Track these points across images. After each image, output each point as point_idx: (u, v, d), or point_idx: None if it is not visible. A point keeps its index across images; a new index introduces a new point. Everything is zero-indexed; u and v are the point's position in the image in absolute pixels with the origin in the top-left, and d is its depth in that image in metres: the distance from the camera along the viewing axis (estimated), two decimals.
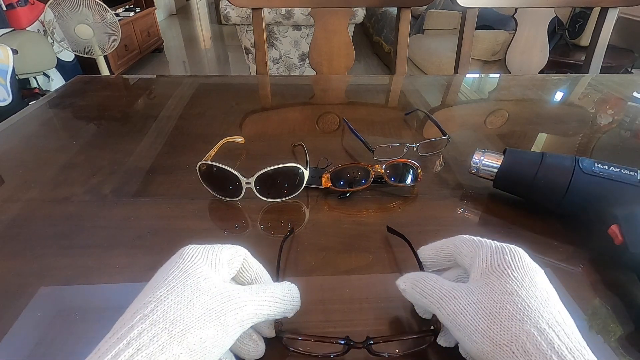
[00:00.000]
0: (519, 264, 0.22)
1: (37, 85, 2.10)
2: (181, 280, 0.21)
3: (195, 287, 0.21)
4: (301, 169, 0.38)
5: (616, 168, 0.34)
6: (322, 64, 0.94)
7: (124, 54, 2.94)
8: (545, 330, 0.19)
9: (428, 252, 0.29)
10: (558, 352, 0.18)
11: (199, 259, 0.23)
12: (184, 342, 0.19)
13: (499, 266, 0.22)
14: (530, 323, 0.19)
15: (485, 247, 0.24)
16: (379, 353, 0.24)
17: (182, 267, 0.22)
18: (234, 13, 2.15)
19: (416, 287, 0.25)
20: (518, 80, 0.80)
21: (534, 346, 0.18)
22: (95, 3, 2.01)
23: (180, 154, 0.50)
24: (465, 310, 0.21)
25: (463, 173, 0.46)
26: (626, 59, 2.07)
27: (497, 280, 0.22)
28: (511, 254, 0.23)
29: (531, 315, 0.19)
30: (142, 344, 0.18)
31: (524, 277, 0.22)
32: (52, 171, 0.45)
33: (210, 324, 0.20)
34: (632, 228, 0.31)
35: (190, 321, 0.19)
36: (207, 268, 0.23)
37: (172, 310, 0.20)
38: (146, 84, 0.76)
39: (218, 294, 0.22)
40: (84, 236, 0.35)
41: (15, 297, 0.29)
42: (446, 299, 0.23)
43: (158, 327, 0.19)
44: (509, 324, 0.19)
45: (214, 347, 0.20)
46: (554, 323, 0.19)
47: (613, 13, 0.90)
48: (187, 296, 0.20)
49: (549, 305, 0.20)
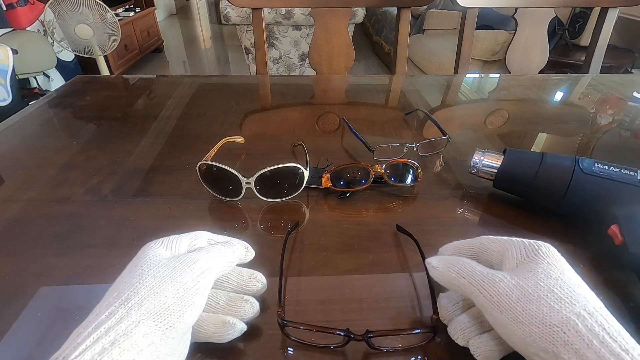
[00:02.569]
0: (557, 255, 0.23)
1: (37, 85, 2.10)
2: (133, 264, 0.23)
3: (146, 263, 0.22)
4: (301, 169, 0.38)
5: (616, 168, 0.34)
6: (322, 64, 0.94)
7: (124, 54, 2.94)
8: (594, 313, 0.19)
9: (451, 250, 0.29)
10: (609, 333, 0.18)
11: (152, 245, 0.24)
12: (141, 309, 0.19)
13: (537, 256, 0.23)
14: (580, 306, 0.19)
15: (516, 242, 0.25)
16: (377, 347, 0.24)
17: (137, 257, 0.24)
18: (234, 13, 2.15)
19: (453, 267, 0.25)
20: (518, 80, 0.80)
21: (585, 327, 0.18)
22: (95, 3, 2.01)
23: (180, 154, 0.50)
24: (510, 292, 0.21)
25: (463, 173, 0.46)
26: (626, 59, 2.07)
27: (538, 267, 0.22)
28: (545, 247, 0.24)
29: (579, 299, 0.20)
30: (100, 322, 0.18)
31: (563, 266, 0.22)
32: (52, 171, 0.45)
33: (167, 286, 0.21)
34: (632, 228, 0.31)
35: (144, 292, 0.20)
36: (161, 249, 0.24)
37: (126, 288, 0.20)
38: (146, 84, 0.76)
39: (169, 262, 0.23)
40: (84, 236, 0.35)
41: (15, 297, 0.29)
42: (488, 281, 0.22)
43: (114, 306, 0.19)
44: (559, 306, 0.20)
45: (178, 305, 0.20)
46: (599, 308, 0.20)
47: (613, 13, 0.90)
48: (138, 273, 0.21)
49: (589, 293, 0.21)
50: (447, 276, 0.25)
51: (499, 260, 0.25)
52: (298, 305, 0.29)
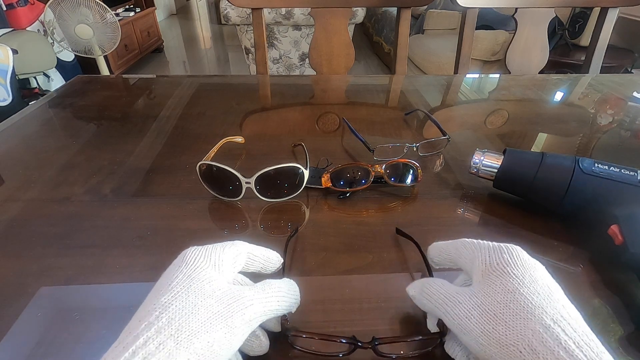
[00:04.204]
0: (518, 262, 0.22)
1: (37, 85, 2.10)
2: (185, 285, 0.21)
3: (199, 291, 0.21)
4: (301, 169, 0.38)
5: (616, 168, 0.34)
6: (322, 64, 0.94)
7: (124, 54, 2.94)
8: (550, 326, 0.19)
9: (434, 251, 0.29)
10: (565, 348, 0.18)
11: (201, 261, 0.23)
12: (190, 347, 0.19)
13: (498, 265, 0.22)
14: (535, 320, 0.19)
15: (483, 249, 0.24)
16: (385, 354, 0.24)
17: (186, 272, 0.22)
18: (234, 13, 2.15)
19: (423, 292, 0.25)
20: (518, 80, 0.80)
21: (540, 343, 0.18)
22: (95, 3, 2.01)
23: (180, 154, 0.50)
24: (469, 313, 0.21)
25: (463, 173, 0.46)
26: (626, 59, 2.07)
27: (497, 280, 0.22)
28: (509, 252, 0.23)
29: (535, 312, 0.19)
30: (148, 352, 0.18)
31: (524, 274, 0.22)
32: (52, 171, 0.45)
33: (217, 327, 0.20)
34: (632, 228, 0.31)
35: (196, 326, 0.19)
36: (211, 270, 0.23)
37: (178, 317, 0.19)
38: (146, 84, 0.76)
39: (223, 296, 0.22)
40: (84, 236, 0.35)
41: (15, 297, 0.29)
42: (451, 304, 0.23)
43: (164, 335, 0.18)
44: (513, 323, 0.19)
45: (221, 349, 0.20)
46: (558, 318, 0.19)
47: (613, 13, 0.90)
48: (191, 301, 0.20)
49: (552, 301, 0.20)
50: (421, 302, 0.25)
51: (470, 267, 0.25)
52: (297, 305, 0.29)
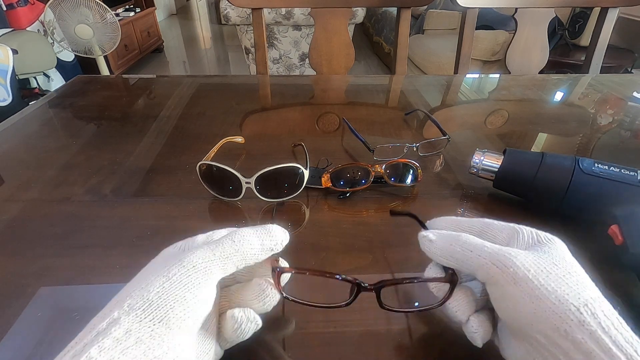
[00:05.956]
0: (565, 248, 0.23)
1: (37, 85, 2.10)
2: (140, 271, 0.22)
3: (149, 266, 0.22)
4: (301, 169, 0.38)
5: (616, 168, 0.34)
6: (322, 64, 0.94)
7: (124, 54, 2.94)
8: (607, 303, 0.19)
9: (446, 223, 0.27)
10: (623, 326, 0.18)
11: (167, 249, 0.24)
12: (123, 305, 0.19)
13: (549, 242, 0.22)
14: (596, 291, 0.20)
15: (526, 228, 0.24)
16: (389, 307, 0.23)
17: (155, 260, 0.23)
18: (234, 13, 2.15)
19: (455, 241, 0.23)
20: (518, 80, 0.80)
21: (602, 312, 0.18)
22: (95, 3, 2.01)
23: (180, 154, 0.50)
24: (528, 266, 0.20)
25: (463, 173, 0.46)
26: (626, 59, 2.07)
27: (553, 250, 0.22)
28: (557, 239, 0.23)
29: (590, 286, 0.20)
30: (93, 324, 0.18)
31: (571, 257, 0.22)
32: (52, 171, 0.45)
33: (153, 281, 0.20)
34: (632, 228, 0.31)
35: (130, 289, 0.20)
36: (171, 249, 0.23)
37: (124, 292, 0.20)
38: (146, 84, 0.76)
39: (163, 259, 0.22)
40: (84, 236, 0.35)
41: (15, 297, 0.29)
42: (502, 255, 0.21)
43: (106, 308, 0.19)
44: (577, 287, 0.19)
45: (164, 300, 0.19)
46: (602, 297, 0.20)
47: (613, 13, 0.90)
48: (138, 276, 0.21)
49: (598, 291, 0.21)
50: (449, 250, 0.23)
51: (505, 242, 0.24)
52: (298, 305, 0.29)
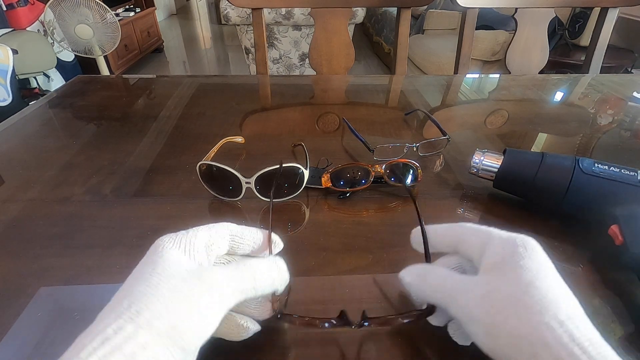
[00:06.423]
0: (533, 255, 0.22)
1: (37, 85, 2.10)
2: (149, 270, 0.21)
3: (163, 272, 0.20)
4: (301, 169, 0.38)
5: (616, 168, 0.34)
6: (322, 64, 0.94)
7: (124, 54, 2.94)
8: (564, 322, 0.18)
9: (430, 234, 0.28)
10: (579, 344, 0.17)
11: (170, 246, 0.22)
12: (152, 329, 0.18)
13: (512, 257, 0.22)
14: (549, 315, 0.19)
15: (495, 238, 0.23)
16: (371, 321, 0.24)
17: (152, 258, 0.22)
18: (234, 13, 2.15)
19: (423, 279, 0.24)
20: (518, 80, 0.80)
21: (554, 339, 0.18)
22: (95, 3, 2.01)
23: (180, 154, 0.50)
24: (480, 303, 0.21)
25: (463, 173, 0.46)
26: (626, 59, 2.07)
27: (511, 272, 0.21)
28: (522, 246, 0.22)
29: (550, 307, 0.19)
30: (105, 337, 0.17)
31: (538, 268, 0.21)
32: (52, 171, 0.45)
33: (181, 307, 0.19)
34: (632, 228, 0.31)
35: (157, 308, 0.19)
36: (177, 253, 0.22)
37: (138, 300, 0.19)
38: (146, 84, 0.76)
39: (189, 276, 0.21)
40: (84, 236, 0.35)
41: (15, 297, 0.29)
42: (460, 292, 0.22)
43: (123, 319, 0.18)
44: (527, 316, 0.19)
45: (189, 330, 0.19)
46: (572, 315, 0.19)
47: (613, 13, 0.90)
48: (154, 283, 0.20)
49: (566, 297, 0.20)
50: (420, 289, 0.25)
51: (478, 255, 0.24)
52: (297, 305, 0.29)
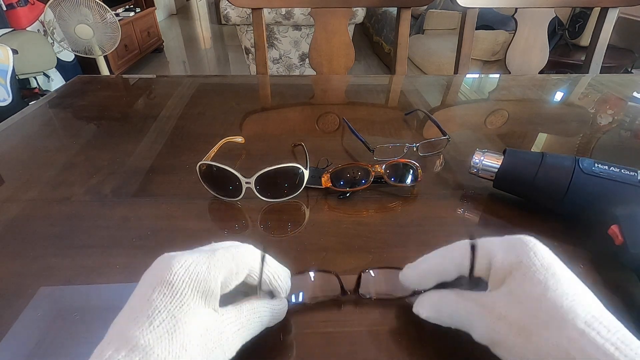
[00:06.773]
0: (537, 262, 0.21)
1: (37, 85, 2.10)
2: (168, 328, 0.19)
3: (184, 336, 0.19)
4: (301, 169, 0.38)
5: (616, 168, 0.34)
6: (322, 64, 0.94)
7: (124, 54, 2.94)
8: (584, 331, 0.18)
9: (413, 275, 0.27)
10: (604, 352, 0.17)
11: (187, 291, 0.20)
12: None
13: (518, 271, 0.21)
14: (569, 326, 0.18)
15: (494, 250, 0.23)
16: None
17: (169, 305, 0.20)
18: (234, 13, 2.15)
19: (441, 312, 0.24)
20: (518, 80, 0.80)
21: (579, 351, 0.18)
22: (95, 3, 2.01)
23: (180, 154, 0.50)
24: (497, 326, 0.21)
25: (463, 173, 0.46)
26: (626, 59, 2.07)
27: (519, 288, 0.21)
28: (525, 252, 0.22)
29: (567, 317, 0.19)
30: None
31: (546, 276, 0.20)
32: (52, 171, 0.45)
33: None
34: (632, 228, 0.31)
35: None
36: (197, 303, 0.21)
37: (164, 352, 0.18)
38: (146, 84, 0.76)
39: (207, 340, 0.20)
40: (84, 236, 0.35)
41: (15, 297, 0.29)
42: (476, 319, 0.22)
43: None
44: (547, 333, 0.19)
45: None
46: (591, 320, 0.18)
47: (613, 13, 0.90)
48: (175, 351, 0.19)
49: (581, 300, 0.19)
50: (440, 320, 0.25)
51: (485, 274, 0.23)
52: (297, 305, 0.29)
